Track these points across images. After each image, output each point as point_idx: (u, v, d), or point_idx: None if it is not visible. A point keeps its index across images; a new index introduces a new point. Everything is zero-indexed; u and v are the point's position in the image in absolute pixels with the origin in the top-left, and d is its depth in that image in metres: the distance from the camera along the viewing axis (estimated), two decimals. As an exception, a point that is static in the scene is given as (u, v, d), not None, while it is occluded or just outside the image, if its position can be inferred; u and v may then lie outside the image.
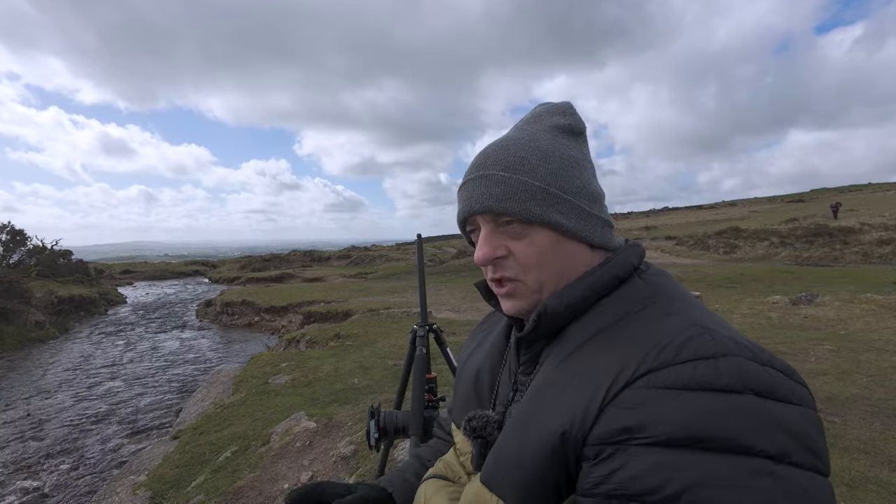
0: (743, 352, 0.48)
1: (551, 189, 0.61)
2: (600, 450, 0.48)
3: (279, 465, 3.81)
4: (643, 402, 0.47)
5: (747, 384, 0.46)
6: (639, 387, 0.48)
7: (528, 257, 0.61)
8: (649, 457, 0.45)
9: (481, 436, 0.65)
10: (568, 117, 0.67)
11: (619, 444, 0.47)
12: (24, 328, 14.37)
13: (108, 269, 37.36)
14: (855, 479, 2.64)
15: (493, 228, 0.63)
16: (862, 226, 20.92)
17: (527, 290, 0.63)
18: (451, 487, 0.69)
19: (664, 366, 0.48)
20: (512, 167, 0.62)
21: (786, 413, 0.45)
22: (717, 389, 0.45)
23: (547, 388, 0.57)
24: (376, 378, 5.91)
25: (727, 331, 0.52)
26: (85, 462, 5.80)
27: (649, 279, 0.62)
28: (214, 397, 6.60)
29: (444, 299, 12.91)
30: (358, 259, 37.44)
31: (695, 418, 0.44)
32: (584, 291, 0.60)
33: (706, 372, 0.46)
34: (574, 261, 0.63)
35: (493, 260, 0.63)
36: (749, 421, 0.44)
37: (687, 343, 0.49)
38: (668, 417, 0.45)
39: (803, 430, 0.45)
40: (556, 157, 0.63)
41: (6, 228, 23.58)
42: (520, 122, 0.70)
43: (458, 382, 0.83)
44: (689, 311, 0.55)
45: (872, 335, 6.02)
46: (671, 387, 0.47)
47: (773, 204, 51.90)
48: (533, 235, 0.61)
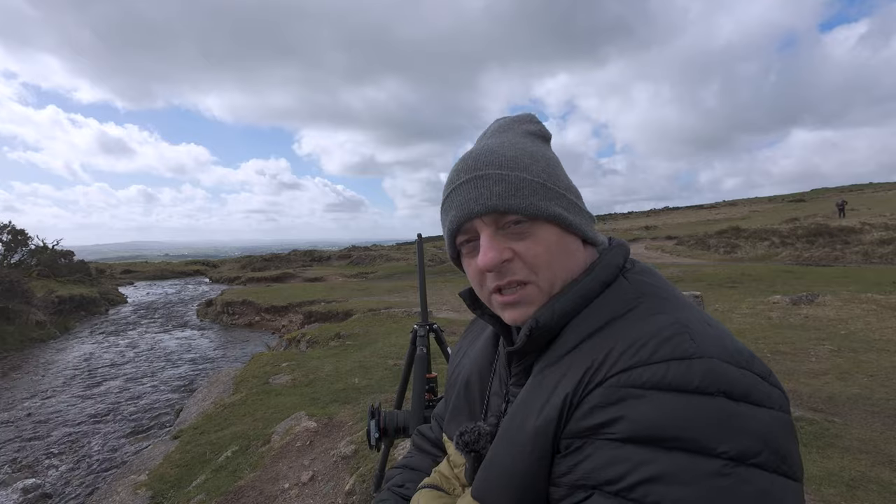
0: (720, 353, 0.48)
1: (549, 184, 0.61)
2: (570, 443, 0.50)
3: (280, 464, 3.81)
4: (612, 400, 0.48)
5: (719, 386, 0.46)
6: (610, 385, 0.49)
7: (536, 256, 0.59)
8: (611, 451, 0.47)
9: (474, 450, 0.64)
10: (537, 124, 0.69)
11: (586, 439, 0.49)
12: (26, 328, 14.39)
13: (109, 268, 37.39)
14: (855, 478, 2.63)
15: (494, 231, 0.60)
16: (863, 225, 20.90)
17: (537, 294, 0.61)
18: (446, 499, 0.69)
19: (637, 365, 0.49)
20: (508, 165, 0.60)
21: (755, 416, 0.46)
22: (686, 391, 0.46)
23: (530, 400, 0.57)
24: (377, 378, 5.91)
25: (710, 329, 0.52)
26: (86, 461, 5.81)
27: (635, 279, 0.61)
28: (215, 397, 6.60)
29: (444, 299, 12.91)
30: (358, 259, 37.44)
31: (660, 418, 0.45)
32: (575, 301, 0.59)
33: (678, 372, 0.47)
34: (574, 257, 0.62)
35: (501, 264, 0.60)
36: (713, 423, 0.44)
37: (664, 343, 0.49)
38: (635, 416, 0.46)
39: (771, 433, 0.45)
40: (541, 157, 0.63)
41: (7, 228, 23.61)
42: (485, 135, 0.69)
43: (449, 392, 0.82)
44: (675, 309, 0.55)
45: (873, 335, 6.01)
46: (641, 386, 0.47)
47: (774, 203, 51.85)
48: (538, 232, 0.60)
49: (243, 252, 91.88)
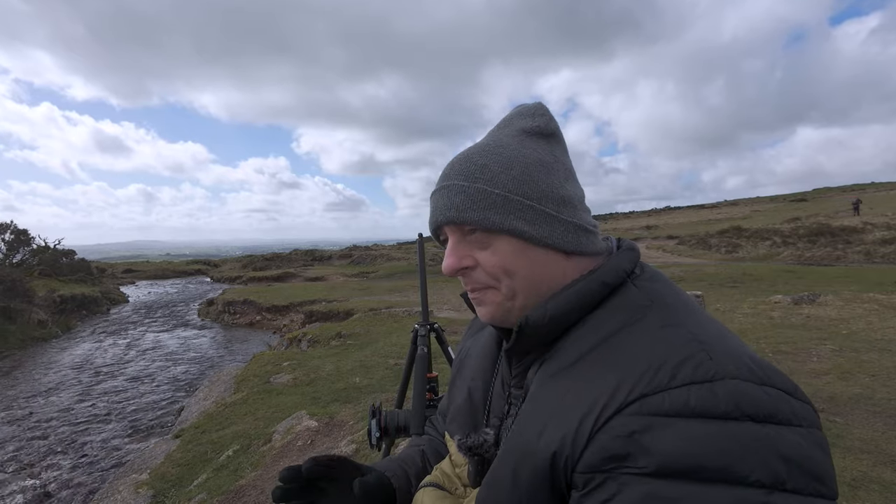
0: (741, 372, 0.47)
1: (512, 196, 0.59)
2: (590, 478, 0.47)
3: (281, 463, 3.81)
4: (634, 429, 0.46)
5: (744, 410, 0.44)
6: (630, 413, 0.46)
7: (493, 266, 0.60)
8: (641, 486, 0.44)
9: (478, 454, 0.64)
10: (538, 119, 0.65)
11: (609, 473, 0.46)
12: (27, 327, 14.42)
13: (111, 268, 37.45)
14: (857, 479, 2.63)
15: (458, 238, 0.62)
16: (865, 225, 20.88)
17: (498, 297, 0.61)
18: (448, 499, 0.69)
19: (657, 390, 0.46)
20: (472, 176, 0.60)
21: (785, 437, 0.44)
22: (712, 416, 0.44)
23: (536, 412, 0.55)
24: (377, 377, 5.92)
25: (725, 343, 0.50)
26: (87, 461, 5.82)
27: (644, 285, 0.59)
28: (216, 396, 6.61)
29: (445, 298, 12.91)
30: (359, 258, 37.46)
31: (688, 448, 0.43)
32: (570, 302, 0.58)
33: (701, 397, 0.45)
34: (546, 269, 0.60)
35: (461, 270, 0.62)
36: (744, 449, 0.43)
37: (683, 364, 0.48)
38: (661, 447, 0.44)
39: (803, 453, 0.44)
40: (519, 163, 0.60)
41: (10, 228, 23.67)
42: (493, 128, 0.69)
43: (452, 390, 0.82)
44: (688, 321, 0.53)
45: (875, 335, 6.00)
46: (664, 414, 0.45)
47: (776, 203, 51.78)
48: (496, 244, 0.60)
49: (244, 251, 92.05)
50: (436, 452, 0.85)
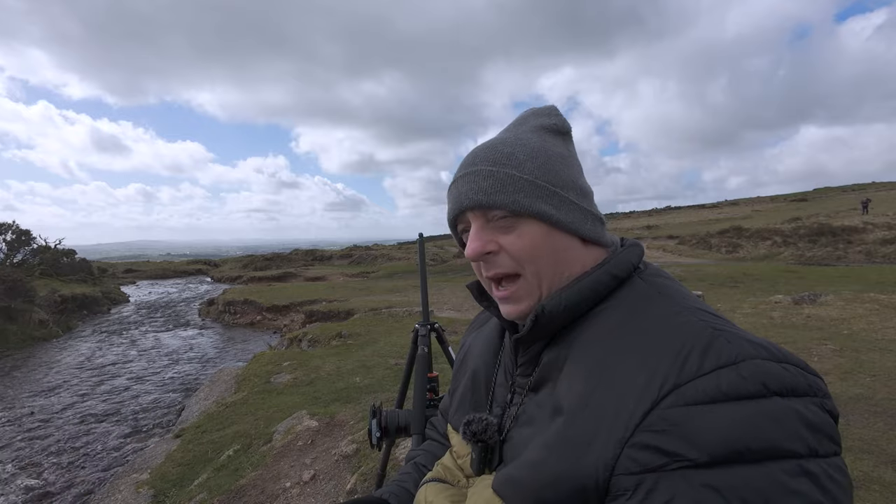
0: (760, 352, 0.48)
1: (539, 182, 0.61)
2: (640, 479, 0.46)
3: (281, 463, 3.81)
4: (676, 422, 0.46)
5: (770, 387, 0.46)
6: (668, 406, 0.47)
7: (519, 250, 0.61)
8: (697, 479, 0.43)
9: (482, 440, 0.64)
10: (553, 118, 0.68)
11: (659, 472, 0.45)
12: (28, 327, 14.44)
13: (111, 267, 37.47)
14: (858, 479, 2.63)
15: (483, 224, 0.63)
16: (865, 225, 20.86)
17: (527, 288, 0.62)
18: (451, 490, 0.70)
19: (689, 379, 0.47)
20: (500, 162, 0.62)
21: (808, 408, 0.46)
22: (745, 398, 0.45)
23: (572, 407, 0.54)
24: (378, 377, 5.92)
25: (735, 328, 0.52)
26: (88, 460, 5.83)
27: (650, 279, 0.61)
28: (217, 396, 6.62)
29: (445, 298, 12.91)
30: (360, 258, 37.48)
31: (731, 432, 0.44)
32: (583, 292, 0.59)
33: (731, 380, 0.46)
34: (567, 254, 0.62)
35: (485, 255, 0.63)
36: (778, 424, 0.44)
37: (706, 351, 0.49)
38: (706, 436, 0.44)
39: (824, 420, 0.46)
40: (542, 154, 0.63)
41: (11, 228, 23.70)
42: (507, 126, 0.71)
43: (455, 384, 0.83)
44: (697, 311, 0.55)
45: (875, 335, 5.99)
46: (701, 402, 0.46)
47: (776, 203, 51.72)
48: (523, 227, 0.61)
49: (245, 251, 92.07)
50: (433, 458, 0.86)
